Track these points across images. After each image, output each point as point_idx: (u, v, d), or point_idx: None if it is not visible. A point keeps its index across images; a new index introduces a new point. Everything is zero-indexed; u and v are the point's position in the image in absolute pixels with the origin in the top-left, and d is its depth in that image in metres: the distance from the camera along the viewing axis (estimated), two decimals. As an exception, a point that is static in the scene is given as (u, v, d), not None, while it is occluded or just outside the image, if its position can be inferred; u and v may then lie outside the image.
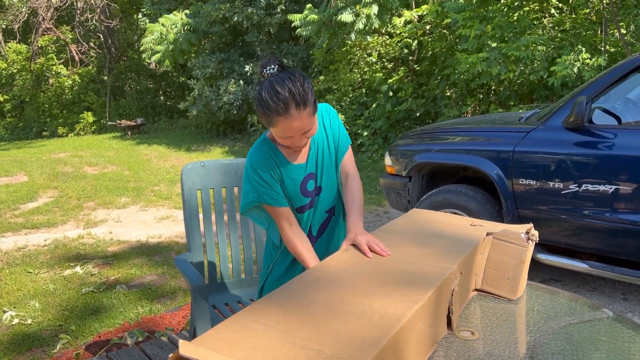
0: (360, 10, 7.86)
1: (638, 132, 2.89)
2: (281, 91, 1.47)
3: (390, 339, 0.94)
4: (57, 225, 5.70)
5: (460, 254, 1.37)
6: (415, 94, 8.51)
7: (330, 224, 1.82)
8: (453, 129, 3.90)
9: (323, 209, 1.78)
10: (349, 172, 1.77)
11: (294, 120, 1.50)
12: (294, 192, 1.69)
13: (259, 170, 1.65)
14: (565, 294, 1.58)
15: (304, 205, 1.73)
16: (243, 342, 0.91)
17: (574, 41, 6.33)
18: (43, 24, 15.08)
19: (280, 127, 1.52)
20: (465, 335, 1.28)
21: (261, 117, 1.55)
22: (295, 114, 1.49)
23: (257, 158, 1.66)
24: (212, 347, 0.88)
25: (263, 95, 1.50)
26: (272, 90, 1.48)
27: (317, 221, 1.78)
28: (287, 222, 1.67)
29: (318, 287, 1.16)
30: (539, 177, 3.14)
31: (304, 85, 1.50)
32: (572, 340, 1.26)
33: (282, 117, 1.49)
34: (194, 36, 11.88)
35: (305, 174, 1.70)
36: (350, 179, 1.75)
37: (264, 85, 1.51)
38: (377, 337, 0.94)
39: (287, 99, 1.47)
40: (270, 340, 0.92)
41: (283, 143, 1.60)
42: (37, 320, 3.29)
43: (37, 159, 10.51)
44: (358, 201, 1.70)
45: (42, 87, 17.43)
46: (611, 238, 2.94)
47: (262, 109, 1.52)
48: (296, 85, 1.48)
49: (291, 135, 1.55)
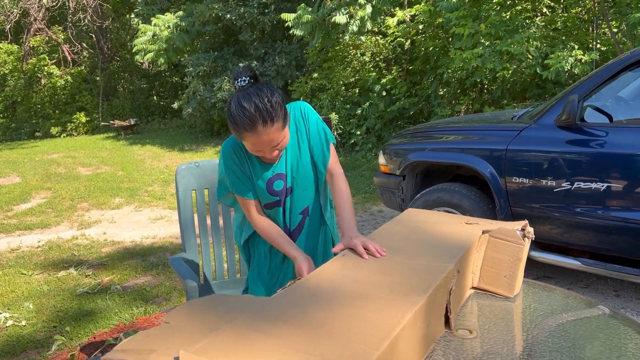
0: (354, 12, 7.87)
1: (629, 130, 2.91)
2: (247, 107, 1.47)
3: (391, 341, 0.94)
4: (51, 226, 5.67)
5: (457, 252, 1.38)
6: (408, 93, 8.53)
7: (306, 225, 1.81)
8: (446, 127, 3.91)
9: (296, 211, 1.78)
10: (334, 171, 1.75)
11: (262, 135, 1.50)
12: (260, 189, 1.71)
13: (228, 159, 1.69)
14: (562, 291, 1.59)
15: (271, 202, 1.74)
16: (243, 351, 0.91)
17: (565, 39, 6.37)
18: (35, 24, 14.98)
19: (248, 141, 1.53)
20: (463, 334, 1.28)
21: (231, 130, 1.55)
22: (262, 130, 1.49)
23: (227, 149, 1.69)
24: (213, 356, 0.88)
25: (232, 110, 1.50)
26: (239, 107, 1.48)
27: (293, 222, 1.79)
28: (255, 211, 1.72)
29: (316, 292, 1.16)
30: (531, 175, 3.15)
31: (271, 100, 1.49)
32: (569, 337, 1.27)
33: (249, 133, 1.50)
34: (187, 36, 11.84)
35: (272, 174, 1.71)
36: (335, 178, 1.74)
37: (233, 100, 1.51)
38: (378, 339, 0.94)
39: (254, 115, 1.47)
40: (271, 347, 0.92)
41: (254, 153, 1.60)
42: (31, 322, 3.27)
43: (29, 160, 10.45)
44: (348, 202, 1.68)
45: (34, 88, 17.32)
46: (603, 235, 2.96)
47: (230, 124, 1.53)
48: (263, 101, 1.47)
49: (260, 149, 1.55)
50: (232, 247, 2.38)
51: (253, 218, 1.72)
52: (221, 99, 11.16)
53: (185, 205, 2.18)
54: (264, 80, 11.21)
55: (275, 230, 1.70)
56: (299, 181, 1.74)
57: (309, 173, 1.75)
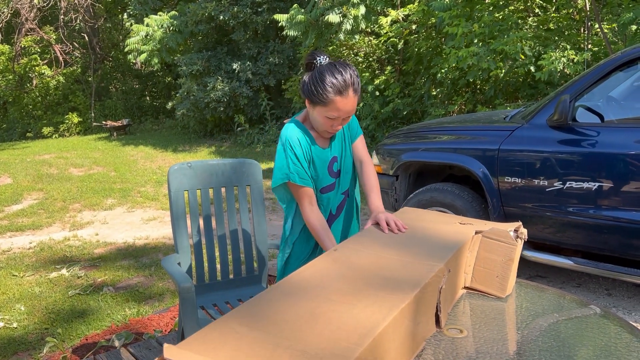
0: (348, 11, 7.87)
1: (620, 130, 2.93)
2: (344, 74, 1.66)
3: (374, 338, 0.94)
4: (43, 227, 5.63)
5: (448, 252, 1.38)
6: (401, 93, 8.54)
7: (346, 205, 1.97)
8: (439, 128, 3.92)
9: (340, 191, 1.93)
10: (363, 159, 1.93)
11: (348, 101, 1.68)
12: (322, 172, 1.85)
13: (294, 147, 1.78)
14: (554, 291, 1.60)
15: (328, 185, 1.88)
16: (227, 345, 0.91)
17: (557, 39, 6.40)
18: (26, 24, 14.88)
19: (333, 106, 1.68)
20: (453, 333, 1.29)
21: (314, 96, 1.69)
22: (351, 96, 1.68)
23: (293, 136, 1.79)
24: (197, 350, 0.88)
25: (326, 75, 1.66)
26: (335, 72, 1.66)
27: (336, 202, 1.93)
28: (308, 202, 1.80)
29: (304, 288, 1.16)
30: (524, 175, 3.17)
31: (356, 73, 1.70)
32: (560, 337, 1.28)
33: (340, 97, 1.66)
34: (180, 36, 11.81)
35: (331, 156, 1.87)
36: (365, 165, 1.92)
37: (325, 68, 1.68)
38: (361, 335, 0.94)
39: (348, 81, 1.66)
40: (255, 342, 0.92)
41: (323, 126, 1.75)
42: (22, 324, 3.25)
43: (21, 161, 10.38)
44: (377, 187, 1.87)
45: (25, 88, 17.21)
46: (595, 234, 2.98)
47: (321, 87, 1.66)
48: (355, 72, 1.69)
49: (338, 116, 1.71)
50: (225, 248, 2.37)
51: (305, 208, 1.80)
52: (214, 99, 11.13)
53: (177, 206, 2.17)
54: (257, 78, 11.22)
55: (323, 224, 1.79)
56: (345, 164, 1.91)
57: (350, 157, 1.93)
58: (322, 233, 1.77)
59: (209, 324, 1.00)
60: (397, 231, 1.57)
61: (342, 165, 1.90)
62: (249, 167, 2.35)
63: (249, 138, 11.36)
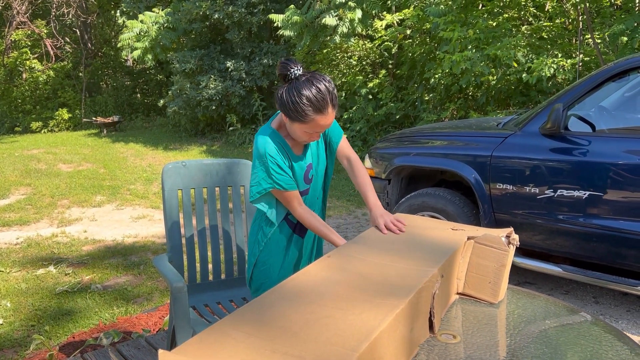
0: (344, 14, 7.88)
1: (611, 140, 2.96)
2: (322, 89, 1.62)
3: (370, 343, 0.95)
4: (30, 223, 5.58)
5: (441, 257, 1.39)
6: (395, 97, 8.57)
7: (316, 208, 1.98)
8: (432, 133, 3.94)
9: (316, 196, 1.95)
10: (350, 156, 1.93)
11: (328, 117, 1.66)
12: (299, 179, 1.84)
13: (275, 157, 1.74)
14: (545, 298, 1.61)
15: (303, 190, 1.88)
16: (223, 351, 0.91)
17: (550, 48, 6.46)
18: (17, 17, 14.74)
19: (312, 123, 1.65)
20: (446, 339, 1.29)
21: (292, 114, 1.65)
22: (330, 112, 1.66)
23: (272, 147, 1.75)
24: (192, 356, 0.88)
25: (304, 92, 1.61)
26: (314, 89, 1.62)
27: (311, 205, 1.93)
28: (297, 203, 1.80)
29: (299, 294, 1.16)
30: (515, 181, 3.19)
31: (333, 85, 1.67)
32: (551, 344, 1.29)
33: (320, 115, 1.64)
34: (174, 34, 11.75)
35: (307, 164, 1.86)
36: (353, 162, 1.92)
37: (300, 84, 1.62)
38: (357, 341, 0.94)
39: (327, 98, 1.63)
40: (251, 348, 0.92)
41: (301, 138, 1.73)
42: (8, 321, 3.21)
43: (9, 155, 10.27)
44: (370, 184, 1.88)
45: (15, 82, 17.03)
46: (584, 242, 3.00)
47: (299, 106, 1.62)
48: (331, 85, 1.65)
49: (317, 131, 1.69)
50: (217, 248, 2.36)
51: (297, 209, 1.80)
52: (207, 97, 11.09)
53: (171, 205, 2.16)
54: (250, 78, 11.19)
55: (319, 220, 1.81)
56: (318, 170, 1.91)
57: (324, 162, 1.94)
58: (324, 228, 1.79)
59: (205, 329, 0.99)
60: (397, 231, 1.64)
61: (316, 172, 1.90)
62: (244, 168, 2.35)
63: (241, 138, 11.33)
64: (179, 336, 1.82)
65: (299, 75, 1.65)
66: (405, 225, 1.70)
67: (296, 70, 1.65)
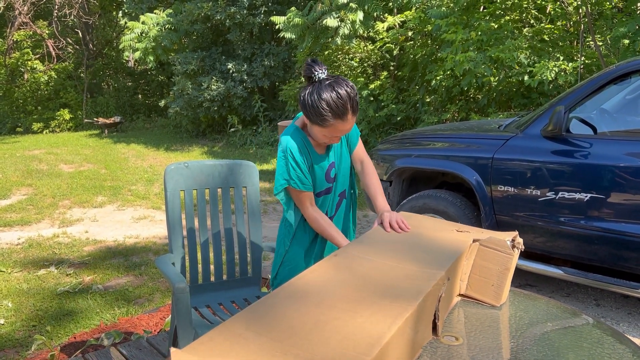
0: (345, 16, 7.89)
1: (613, 142, 2.96)
2: (343, 95, 1.63)
3: (382, 347, 0.95)
4: (32, 223, 5.58)
5: (448, 260, 1.39)
6: (396, 99, 8.57)
7: (343, 205, 2.01)
8: (433, 134, 3.94)
9: (337, 193, 1.97)
10: (364, 160, 2.00)
11: (347, 123, 1.68)
12: (320, 178, 1.87)
13: (295, 154, 1.78)
14: (547, 300, 1.61)
15: (324, 190, 1.91)
16: (234, 351, 0.91)
17: (551, 50, 6.46)
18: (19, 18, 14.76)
19: (332, 128, 1.68)
20: (449, 341, 1.29)
21: (313, 117, 1.68)
22: (350, 117, 1.67)
23: (294, 144, 1.79)
24: (203, 355, 0.88)
25: (324, 97, 1.63)
26: (334, 94, 1.63)
27: (333, 204, 1.97)
28: (309, 203, 1.85)
29: (307, 293, 1.17)
30: (517, 184, 3.19)
31: (356, 91, 1.68)
32: (554, 346, 1.29)
33: (339, 121, 1.66)
34: (176, 35, 11.77)
35: (329, 163, 1.89)
36: (365, 166, 1.99)
37: (322, 88, 1.64)
38: (369, 345, 0.94)
39: (347, 103, 1.64)
40: (262, 348, 0.92)
41: (321, 139, 1.77)
42: (10, 321, 3.21)
43: (10, 156, 10.28)
44: (379, 186, 1.94)
45: (16, 82, 17.05)
46: (585, 245, 3.00)
47: (319, 110, 1.64)
48: (352, 91, 1.66)
49: (337, 135, 1.72)
50: (219, 250, 2.37)
51: (307, 209, 1.84)
52: (208, 98, 11.09)
53: (173, 206, 2.16)
54: (251, 79, 11.21)
55: (327, 221, 1.85)
56: (342, 168, 1.94)
57: (348, 160, 1.96)
58: (330, 229, 1.83)
59: (214, 327, 0.99)
60: (400, 230, 1.66)
61: (339, 170, 1.93)
62: (246, 169, 2.35)
63: (242, 139, 11.34)
64: (181, 337, 1.82)
65: (323, 79, 1.66)
66: (411, 226, 1.71)
67: (320, 73, 1.67)
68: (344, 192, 2.00)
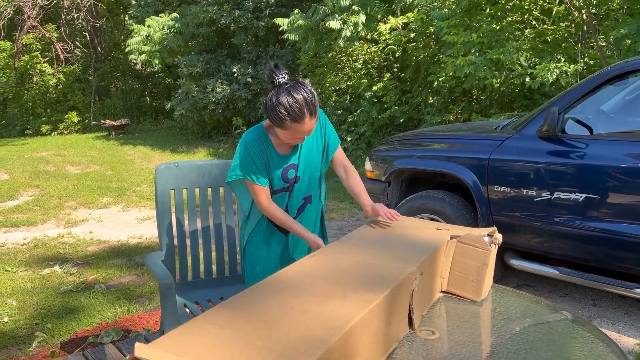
0: (348, 18, 7.93)
1: (608, 143, 2.97)
2: (299, 99, 1.69)
3: (341, 336, 0.98)
4: (37, 224, 5.66)
5: (421, 255, 1.42)
6: (399, 101, 8.60)
7: (305, 209, 2.03)
8: (432, 135, 3.97)
9: (300, 196, 1.99)
10: (346, 165, 2.06)
11: (306, 125, 1.73)
12: (276, 176, 1.91)
13: (250, 149, 1.86)
14: (529, 297, 1.64)
15: (281, 188, 1.95)
16: (199, 343, 0.95)
17: (553, 51, 6.47)
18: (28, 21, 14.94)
19: (291, 130, 1.74)
20: (425, 335, 1.33)
21: (273, 119, 1.75)
22: (307, 121, 1.73)
23: (250, 139, 1.87)
24: (168, 349, 0.92)
25: (281, 101, 1.69)
26: (290, 99, 1.69)
27: (294, 205, 2.00)
28: (265, 197, 1.90)
29: (279, 290, 1.20)
30: (513, 184, 3.21)
31: (314, 94, 1.74)
32: (528, 340, 1.32)
33: (296, 123, 1.72)
34: (181, 38, 11.86)
35: (287, 164, 1.92)
36: (349, 170, 2.05)
37: (280, 92, 1.71)
38: (328, 334, 0.98)
39: (303, 107, 1.70)
40: (225, 340, 0.96)
41: (285, 140, 1.82)
42: (13, 319, 3.28)
43: (19, 157, 10.41)
44: (363, 188, 2.01)
45: (25, 85, 17.25)
46: (581, 245, 3.02)
47: (277, 114, 1.71)
48: (310, 95, 1.72)
49: (297, 136, 1.78)
50: (209, 247, 2.41)
51: (262, 203, 1.90)
52: (213, 100, 11.17)
53: (163, 205, 2.21)
54: (255, 82, 11.27)
55: (284, 214, 1.90)
56: (308, 172, 1.98)
57: (318, 167, 2.00)
58: (287, 220, 1.88)
59: (184, 323, 1.03)
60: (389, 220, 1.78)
61: (305, 174, 1.97)
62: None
63: (247, 141, 11.40)
64: (167, 332, 1.87)
65: (282, 83, 1.72)
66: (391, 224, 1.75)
67: (281, 77, 1.72)
68: (310, 197, 2.03)
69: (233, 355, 0.90)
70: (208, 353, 0.91)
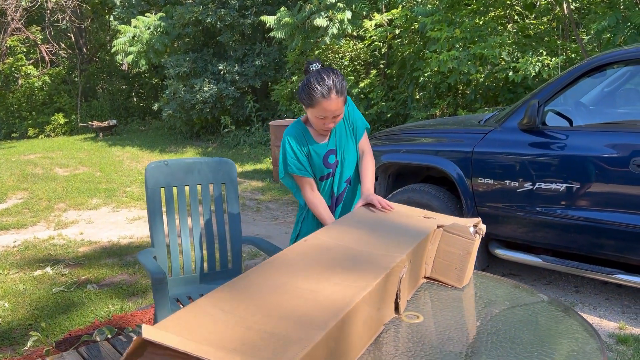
0: (334, 15, 7.99)
1: (587, 134, 3.06)
2: (327, 79, 1.94)
3: (337, 322, 1.04)
4: (27, 226, 5.66)
5: (411, 244, 1.49)
6: (386, 97, 8.68)
7: (347, 191, 2.25)
8: (419, 130, 4.04)
9: (342, 179, 2.22)
10: (364, 150, 2.24)
11: (332, 102, 1.95)
12: (318, 163, 2.13)
13: (292, 142, 2.10)
14: (508, 282, 1.71)
15: (326, 174, 2.16)
16: (201, 326, 1.00)
17: (536, 45, 6.57)
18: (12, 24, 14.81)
19: (320, 107, 1.96)
20: (410, 319, 1.39)
21: (304, 99, 1.99)
22: (334, 98, 1.95)
23: (292, 133, 2.11)
24: (173, 331, 0.97)
25: (312, 81, 1.95)
26: (319, 78, 1.94)
27: (340, 188, 2.22)
28: (309, 188, 2.12)
29: (275, 275, 1.26)
30: (496, 176, 3.29)
31: (342, 79, 1.98)
32: (507, 321, 1.39)
33: (324, 99, 1.94)
34: (167, 38, 11.84)
35: (327, 150, 2.14)
36: (365, 155, 2.23)
37: (312, 75, 1.97)
38: (325, 320, 1.04)
39: (330, 86, 1.94)
40: (226, 324, 1.01)
41: (316, 124, 2.04)
42: (6, 320, 3.30)
43: (6, 160, 10.35)
44: (371, 173, 2.17)
45: (10, 88, 17.09)
46: (563, 233, 3.10)
47: (308, 91, 1.95)
48: (338, 78, 1.96)
49: (326, 115, 1.98)
50: (200, 243, 2.46)
51: (307, 194, 2.12)
52: (201, 100, 11.17)
53: (153, 202, 2.26)
54: (242, 79, 11.29)
55: (324, 207, 2.10)
56: (345, 156, 2.19)
57: (352, 150, 2.21)
58: (321, 209, 2.08)
59: (184, 307, 1.09)
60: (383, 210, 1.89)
61: (342, 157, 2.18)
62: (225, 166, 2.45)
63: (235, 139, 11.43)
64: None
65: (315, 70, 1.99)
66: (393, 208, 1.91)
67: (314, 65, 2.02)
68: (350, 180, 2.24)
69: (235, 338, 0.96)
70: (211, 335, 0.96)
